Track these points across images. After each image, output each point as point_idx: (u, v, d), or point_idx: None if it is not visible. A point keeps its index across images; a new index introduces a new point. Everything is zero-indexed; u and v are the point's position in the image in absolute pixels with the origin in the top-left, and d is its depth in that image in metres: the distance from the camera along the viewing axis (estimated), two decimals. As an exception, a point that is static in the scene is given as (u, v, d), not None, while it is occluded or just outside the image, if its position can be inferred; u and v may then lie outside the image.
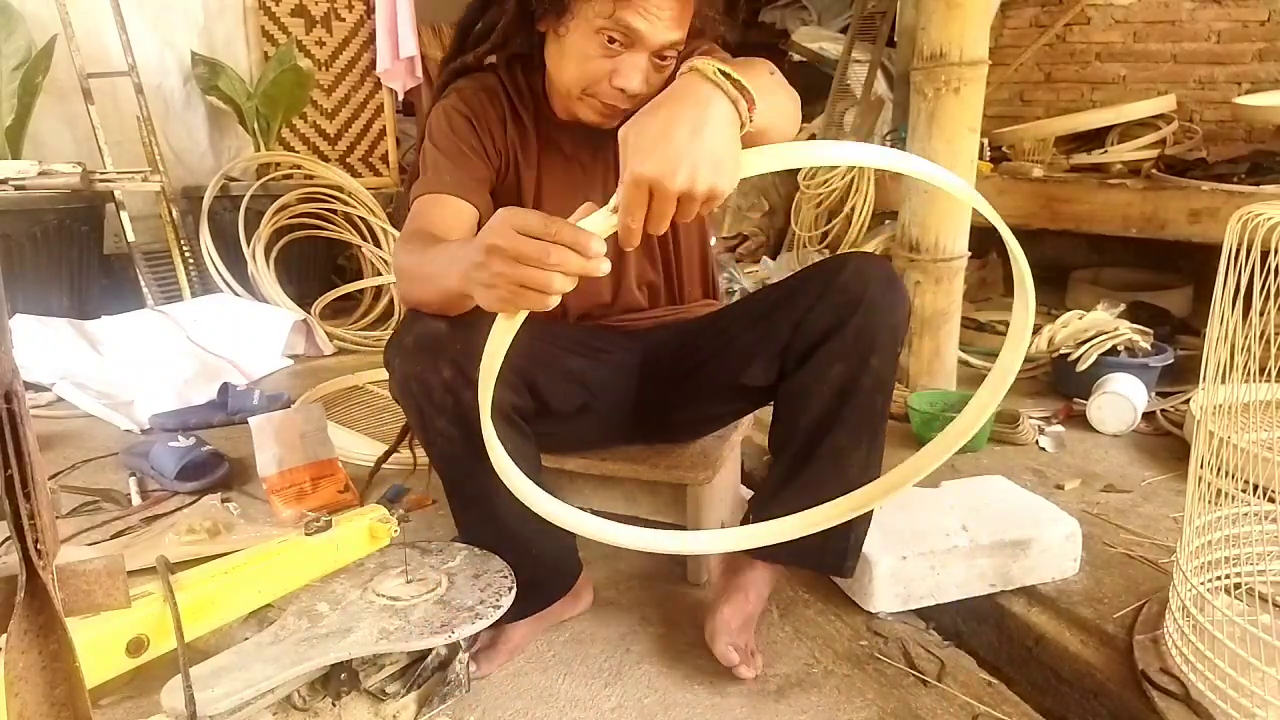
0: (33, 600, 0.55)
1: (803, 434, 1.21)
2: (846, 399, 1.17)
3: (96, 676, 0.98)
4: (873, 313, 1.14)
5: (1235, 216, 1.08)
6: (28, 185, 2.77)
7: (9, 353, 0.52)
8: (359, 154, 4.12)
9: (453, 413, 1.10)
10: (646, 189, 0.77)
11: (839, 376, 1.16)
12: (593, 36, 1.10)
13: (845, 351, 1.15)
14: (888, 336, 1.16)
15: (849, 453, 1.21)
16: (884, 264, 1.19)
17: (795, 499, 1.22)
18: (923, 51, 2.06)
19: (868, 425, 1.20)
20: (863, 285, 1.14)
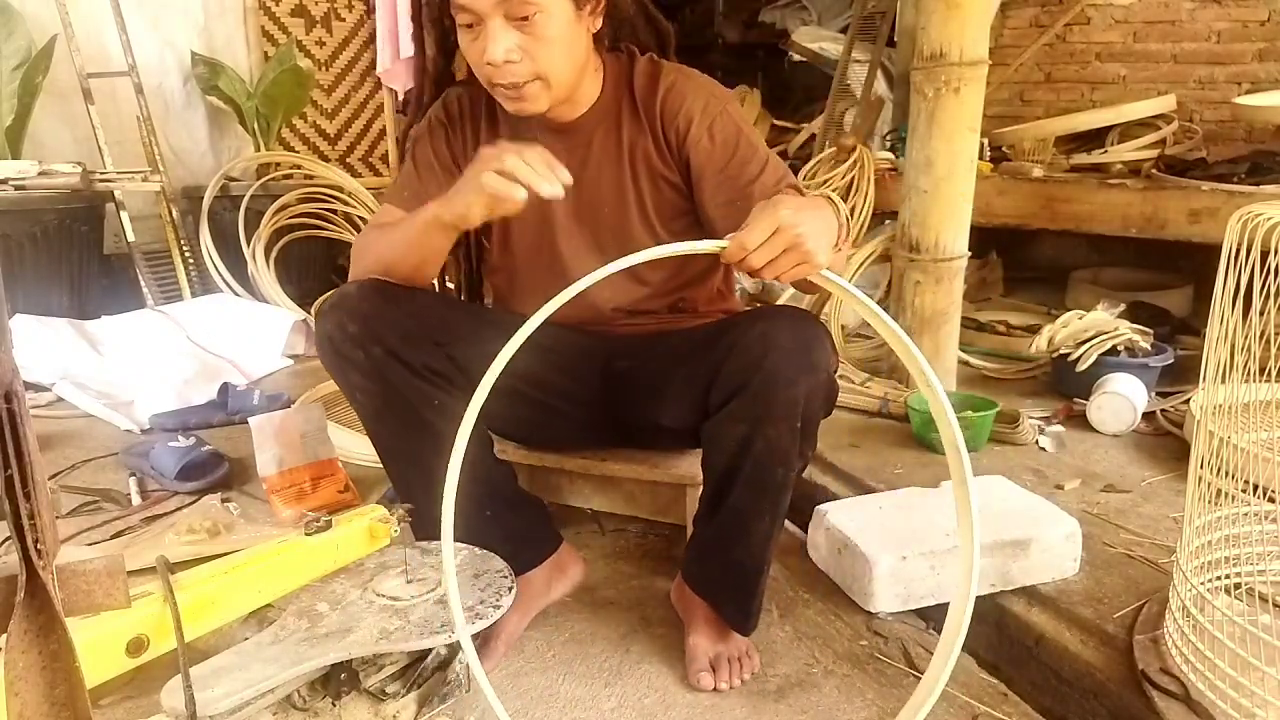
0: (33, 600, 0.56)
1: (713, 482, 1.22)
2: (744, 460, 1.15)
3: (96, 676, 0.98)
4: (770, 383, 1.10)
5: (1235, 216, 1.08)
6: (28, 185, 2.77)
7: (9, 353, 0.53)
8: (359, 154, 4.12)
9: (364, 366, 1.15)
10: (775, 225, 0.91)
11: (734, 437, 1.15)
12: (462, 32, 1.16)
13: (741, 415, 1.13)
14: (783, 408, 1.11)
15: (751, 520, 1.20)
16: (800, 329, 1.13)
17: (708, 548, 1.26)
18: (923, 51, 2.06)
19: (768, 494, 1.18)
20: (763, 351, 1.10)
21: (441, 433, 1.15)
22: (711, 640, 1.25)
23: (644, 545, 1.61)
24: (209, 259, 3.23)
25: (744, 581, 1.24)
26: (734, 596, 1.25)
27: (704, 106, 1.24)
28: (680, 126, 1.25)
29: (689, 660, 1.24)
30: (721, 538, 1.23)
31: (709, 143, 1.23)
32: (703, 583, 1.28)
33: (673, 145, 1.27)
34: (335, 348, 1.15)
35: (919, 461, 1.92)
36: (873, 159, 3.33)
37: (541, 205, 1.19)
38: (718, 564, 1.25)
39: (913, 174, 2.15)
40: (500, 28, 1.11)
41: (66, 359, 2.50)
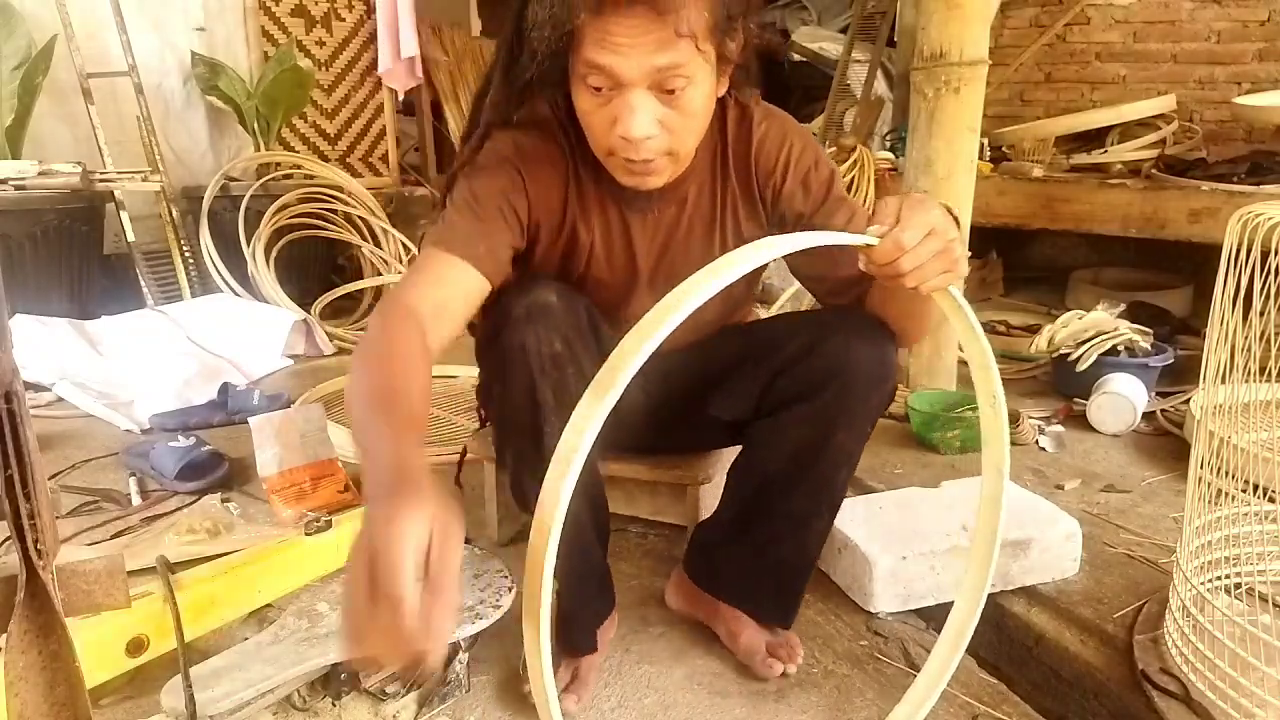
0: (33, 600, 0.56)
1: (760, 485, 1.20)
2: (806, 466, 1.14)
3: (96, 676, 0.99)
4: (848, 390, 1.08)
5: (1235, 216, 1.08)
6: (28, 185, 2.77)
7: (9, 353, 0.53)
8: (359, 154, 4.12)
9: (557, 387, 1.05)
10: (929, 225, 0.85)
11: (801, 439, 1.13)
12: (584, 91, 1.00)
13: (813, 419, 1.11)
14: (860, 415, 1.11)
15: (810, 520, 1.20)
16: (877, 337, 1.10)
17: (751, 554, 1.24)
18: (923, 51, 2.06)
19: (828, 494, 1.18)
20: (845, 358, 1.08)
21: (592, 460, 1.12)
22: (759, 632, 1.25)
23: (644, 545, 1.61)
24: (209, 259, 3.23)
25: (791, 579, 1.24)
26: (777, 595, 1.25)
27: (799, 157, 1.16)
28: (776, 180, 1.17)
29: (748, 655, 1.23)
30: (767, 541, 1.21)
31: (803, 196, 1.17)
32: (738, 589, 1.26)
33: (766, 199, 1.19)
34: (539, 361, 1.05)
35: (919, 461, 1.92)
36: (873, 159, 3.33)
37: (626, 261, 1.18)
38: (760, 568, 1.23)
39: (913, 174, 2.15)
40: (643, 98, 0.97)
41: (66, 359, 2.50)
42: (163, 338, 2.69)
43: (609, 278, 1.20)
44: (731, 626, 1.27)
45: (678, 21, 0.92)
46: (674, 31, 0.92)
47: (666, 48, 0.94)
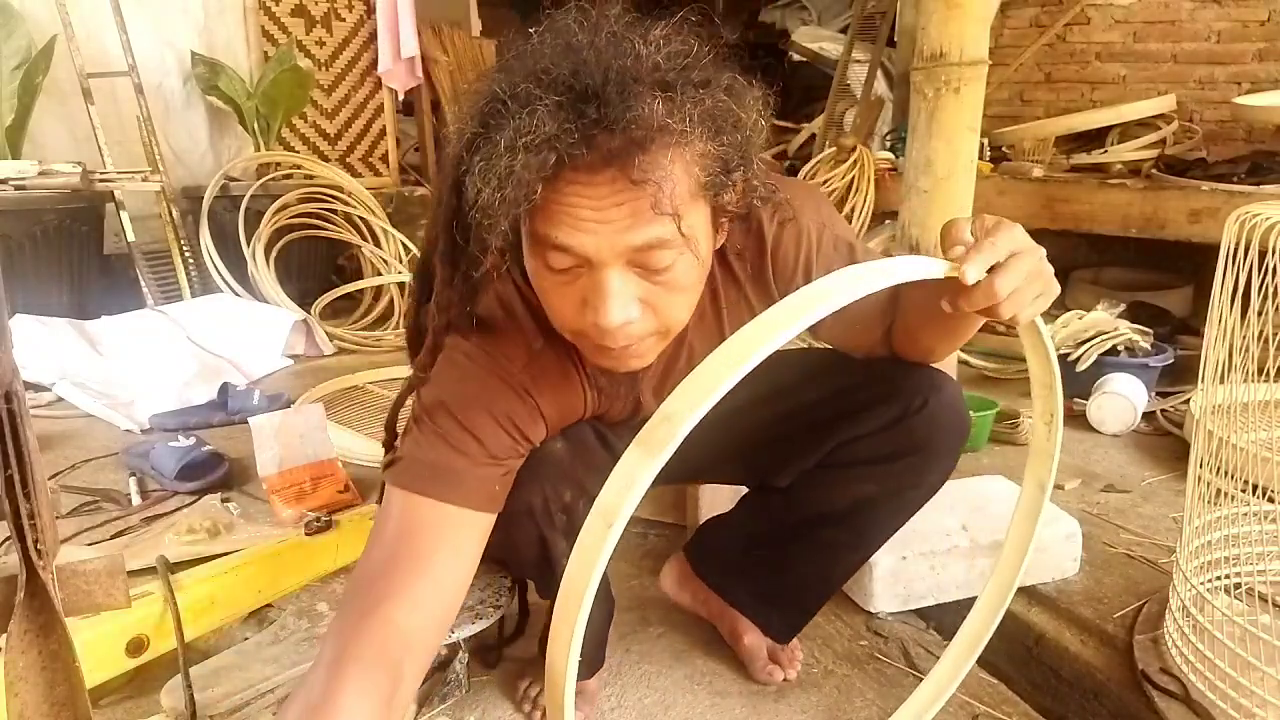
0: (33, 600, 0.56)
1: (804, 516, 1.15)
2: (866, 512, 1.11)
3: (96, 676, 0.99)
4: (930, 459, 1.06)
5: (1233, 216, 1.08)
6: (28, 185, 2.77)
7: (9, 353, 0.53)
8: (359, 154, 4.12)
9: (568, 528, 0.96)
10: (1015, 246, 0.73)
11: (866, 494, 1.10)
12: (542, 268, 0.80)
13: (885, 478, 1.08)
14: (935, 478, 1.10)
15: (847, 554, 1.19)
16: (957, 398, 1.04)
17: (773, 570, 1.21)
18: (923, 51, 2.06)
19: (875, 537, 1.17)
20: (930, 432, 1.03)
21: None
22: (762, 635, 1.24)
23: (644, 545, 1.61)
24: (209, 259, 3.23)
25: (807, 601, 1.22)
26: (789, 613, 1.23)
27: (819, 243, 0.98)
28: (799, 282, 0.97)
29: (750, 659, 1.22)
30: (798, 561, 1.19)
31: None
32: (750, 596, 1.25)
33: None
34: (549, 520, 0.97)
35: (919, 461, 1.92)
36: (873, 159, 3.34)
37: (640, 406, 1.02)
38: (782, 583, 1.21)
39: (913, 174, 2.14)
40: (619, 278, 0.77)
41: (66, 359, 2.50)
42: (163, 338, 2.69)
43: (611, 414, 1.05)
44: (735, 627, 1.26)
45: (657, 194, 0.72)
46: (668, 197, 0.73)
47: (645, 222, 0.74)
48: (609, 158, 0.71)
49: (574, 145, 0.70)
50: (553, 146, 0.70)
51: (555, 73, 0.72)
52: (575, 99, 0.71)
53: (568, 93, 0.71)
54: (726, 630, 1.28)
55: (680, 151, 0.74)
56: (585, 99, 0.70)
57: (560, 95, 0.71)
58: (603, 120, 0.70)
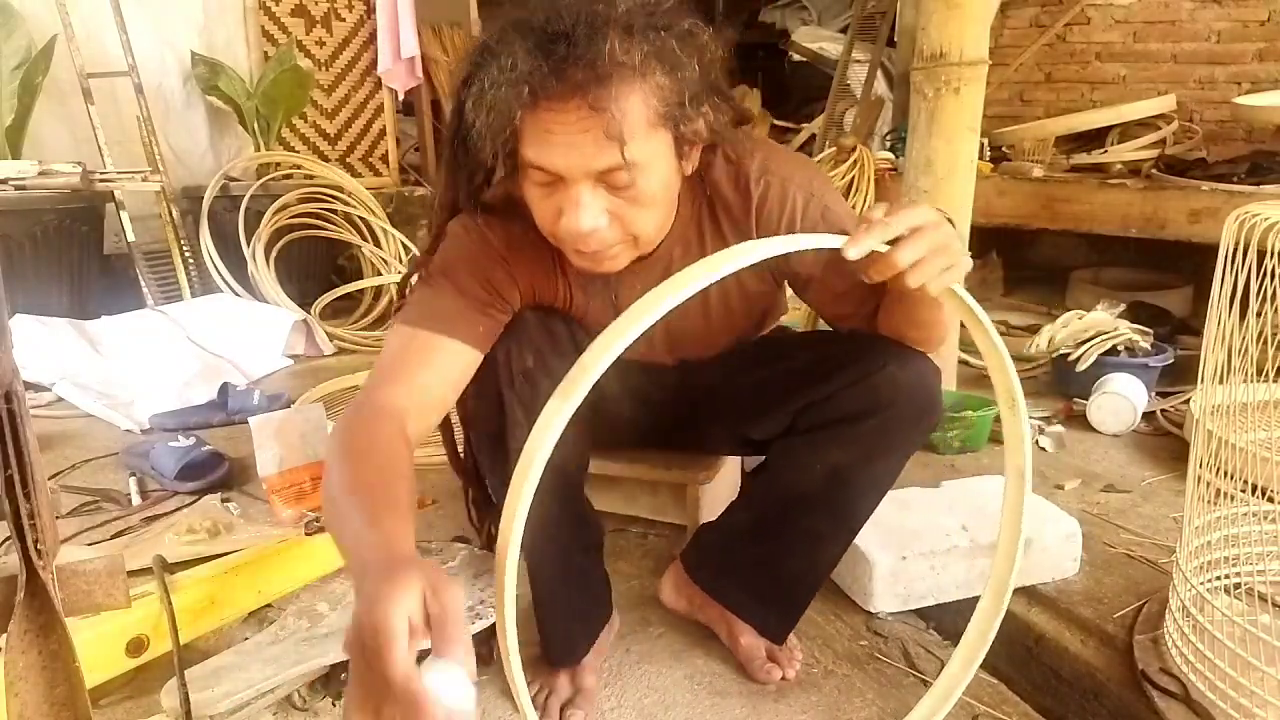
0: (33, 600, 0.56)
1: (783, 498, 1.18)
2: (837, 489, 1.13)
3: (96, 676, 0.99)
4: (894, 421, 1.07)
5: (1232, 216, 1.08)
6: (28, 185, 2.77)
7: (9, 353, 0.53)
8: (359, 154, 4.12)
9: (529, 403, 1.02)
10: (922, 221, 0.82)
11: (836, 462, 1.11)
12: (528, 182, 0.95)
13: (852, 443, 1.09)
14: (901, 446, 1.11)
15: (827, 542, 1.20)
16: (926, 372, 1.07)
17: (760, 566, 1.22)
18: (923, 51, 2.06)
19: (850, 519, 1.17)
20: (893, 392, 1.05)
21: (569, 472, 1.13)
22: (759, 635, 1.25)
23: (644, 545, 1.61)
24: (209, 259, 3.23)
25: (795, 596, 1.23)
26: (781, 610, 1.23)
27: (804, 209, 1.07)
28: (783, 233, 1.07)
29: (748, 659, 1.22)
30: (780, 555, 1.20)
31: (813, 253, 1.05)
32: (740, 595, 1.25)
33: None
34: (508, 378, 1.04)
35: (919, 461, 1.92)
36: (873, 159, 3.33)
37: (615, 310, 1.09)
38: (767, 579, 1.22)
39: (913, 174, 2.14)
40: (589, 192, 0.91)
41: (66, 359, 2.50)
42: (163, 338, 2.69)
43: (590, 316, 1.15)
44: (732, 629, 1.26)
45: (611, 123, 0.85)
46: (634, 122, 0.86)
47: (607, 147, 0.87)
48: (575, 89, 0.84)
49: (545, 78, 0.84)
50: (527, 80, 0.84)
51: (533, 21, 0.86)
52: (547, 40, 0.85)
53: (541, 35, 0.85)
54: (724, 633, 1.28)
55: (638, 85, 0.87)
56: (556, 40, 0.84)
57: (535, 38, 0.85)
58: (569, 57, 0.83)
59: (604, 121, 0.85)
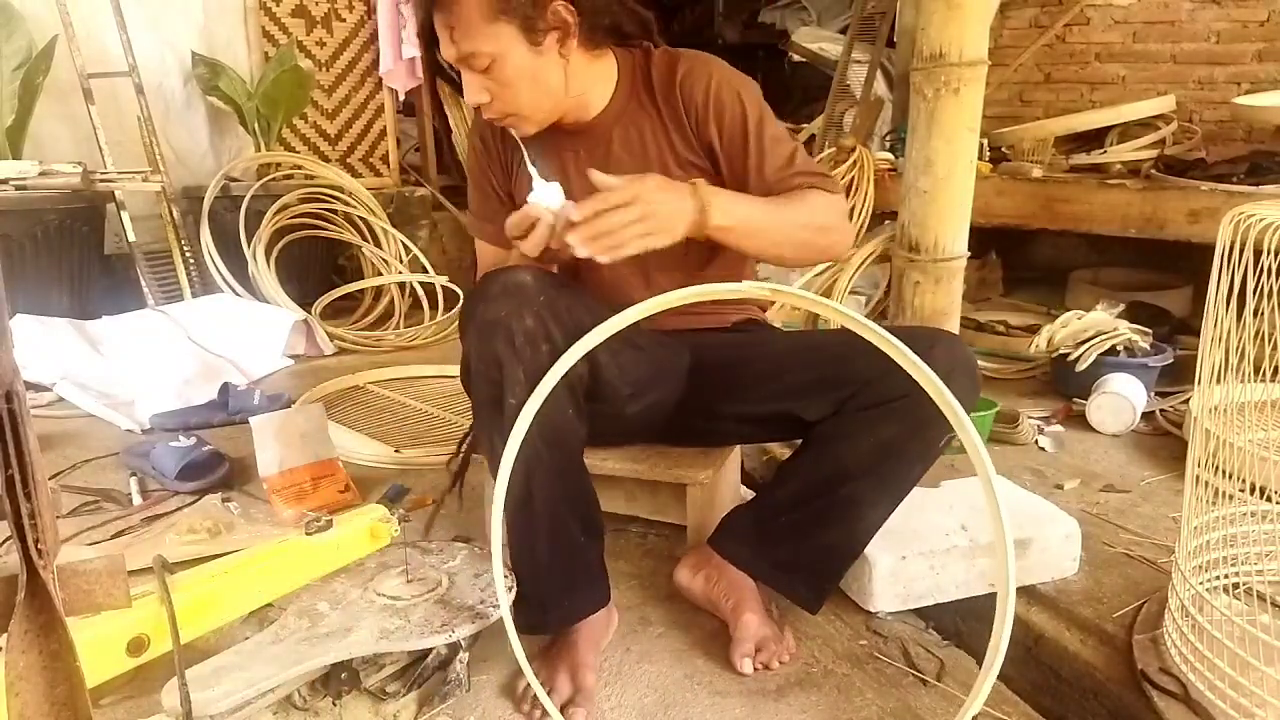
0: (33, 600, 0.56)
1: (829, 471, 1.24)
2: (887, 458, 1.19)
3: (97, 676, 0.99)
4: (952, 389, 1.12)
5: (1228, 217, 1.08)
6: (28, 185, 2.77)
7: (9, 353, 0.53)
8: (360, 154, 4.12)
9: (530, 364, 1.09)
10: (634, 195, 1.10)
11: (889, 437, 1.18)
12: None
13: (906, 417, 1.16)
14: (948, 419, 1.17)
15: (869, 507, 1.24)
16: (969, 352, 1.22)
17: (799, 534, 1.27)
18: (922, 52, 2.06)
19: (897, 486, 1.24)
20: (949, 365, 1.12)
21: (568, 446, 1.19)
22: (760, 621, 1.26)
23: (644, 545, 1.61)
24: (209, 259, 3.24)
25: (833, 564, 1.29)
26: (818, 579, 1.28)
27: (716, 94, 1.28)
28: (698, 111, 1.29)
29: (736, 641, 1.24)
30: (821, 522, 1.25)
31: (717, 130, 1.29)
32: (774, 567, 1.29)
33: (692, 129, 1.31)
34: (509, 339, 1.09)
35: (918, 461, 1.92)
36: (872, 159, 3.33)
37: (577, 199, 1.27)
38: (807, 548, 1.27)
39: (912, 174, 2.15)
40: (469, 75, 1.21)
41: (67, 359, 2.50)
42: (163, 338, 2.69)
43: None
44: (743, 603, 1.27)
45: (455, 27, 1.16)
46: (450, 34, 1.18)
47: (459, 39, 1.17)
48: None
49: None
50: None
51: None
52: None
53: None
54: (733, 607, 1.28)
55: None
56: None
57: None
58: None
59: (451, 20, 1.16)
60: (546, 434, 1.11)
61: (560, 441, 1.17)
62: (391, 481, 1.86)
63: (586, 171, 1.18)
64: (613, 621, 1.31)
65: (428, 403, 2.41)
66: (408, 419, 2.30)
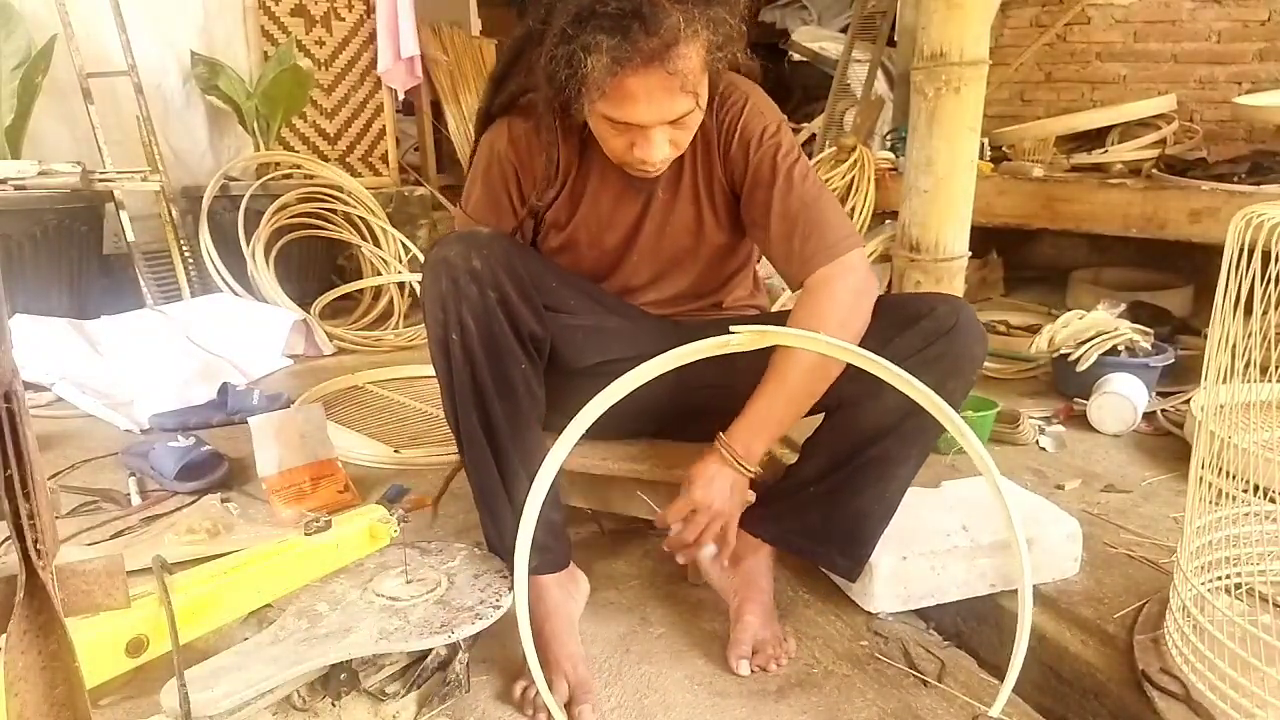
0: (33, 600, 0.55)
1: (851, 440, 1.25)
2: (909, 415, 1.19)
3: (96, 676, 0.98)
4: (959, 340, 1.19)
5: (1239, 215, 1.08)
6: (27, 185, 2.77)
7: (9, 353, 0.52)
8: (359, 154, 4.12)
9: (475, 305, 1.14)
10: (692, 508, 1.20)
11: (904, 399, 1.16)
12: (603, 124, 1.16)
13: (926, 367, 1.16)
14: (968, 365, 1.22)
15: (896, 465, 1.25)
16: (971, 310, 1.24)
17: (823, 499, 1.28)
18: (923, 51, 2.06)
19: (922, 441, 1.26)
20: (954, 317, 1.20)
21: (519, 400, 1.20)
22: (761, 623, 1.26)
23: (644, 545, 1.61)
24: (209, 259, 3.23)
25: (870, 527, 1.29)
26: (854, 545, 1.30)
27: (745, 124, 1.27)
28: (725, 141, 1.28)
29: (734, 642, 1.24)
30: (852, 487, 1.27)
31: (744, 162, 1.27)
32: (808, 538, 1.31)
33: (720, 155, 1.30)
34: (453, 277, 1.13)
35: (919, 461, 1.92)
36: (873, 159, 3.33)
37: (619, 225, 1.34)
38: (840, 514, 1.28)
39: (913, 174, 2.14)
40: (660, 133, 1.15)
41: (66, 359, 2.50)
42: (162, 337, 2.69)
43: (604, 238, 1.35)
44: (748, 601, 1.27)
45: (684, 80, 1.08)
46: (693, 77, 1.09)
47: (678, 100, 1.11)
48: (651, 56, 1.05)
49: (628, 52, 1.04)
50: (614, 55, 1.04)
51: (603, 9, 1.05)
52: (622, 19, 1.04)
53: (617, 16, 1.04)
54: (737, 604, 1.29)
55: (696, 45, 1.08)
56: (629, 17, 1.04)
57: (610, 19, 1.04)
58: (644, 30, 1.04)
59: (679, 81, 1.07)
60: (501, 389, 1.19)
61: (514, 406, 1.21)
62: (391, 481, 1.86)
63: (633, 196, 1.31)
64: (579, 588, 1.34)
65: (427, 403, 2.41)
66: (407, 419, 2.30)
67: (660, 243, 1.36)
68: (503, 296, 1.15)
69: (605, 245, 1.36)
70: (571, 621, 1.27)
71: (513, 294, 1.16)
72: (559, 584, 1.29)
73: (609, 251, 1.37)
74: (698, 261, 1.39)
